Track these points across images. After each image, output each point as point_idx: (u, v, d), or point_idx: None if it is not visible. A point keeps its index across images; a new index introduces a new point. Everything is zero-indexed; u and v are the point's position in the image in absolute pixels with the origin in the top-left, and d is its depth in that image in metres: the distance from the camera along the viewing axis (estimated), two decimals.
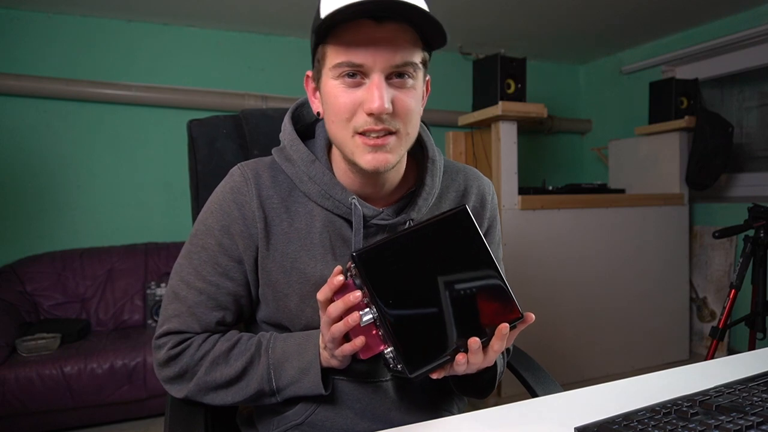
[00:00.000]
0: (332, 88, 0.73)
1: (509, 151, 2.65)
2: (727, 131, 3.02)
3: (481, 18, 3.13)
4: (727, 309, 2.24)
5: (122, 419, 2.40)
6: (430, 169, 0.86)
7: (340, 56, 0.71)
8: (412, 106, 0.74)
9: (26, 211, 2.87)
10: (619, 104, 3.96)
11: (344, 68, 0.71)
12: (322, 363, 0.76)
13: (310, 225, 0.82)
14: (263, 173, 0.83)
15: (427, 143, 0.89)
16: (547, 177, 3.77)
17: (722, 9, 3.06)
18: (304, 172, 0.81)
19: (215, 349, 0.80)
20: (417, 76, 0.74)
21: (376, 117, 0.71)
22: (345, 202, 0.80)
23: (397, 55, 0.70)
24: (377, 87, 0.70)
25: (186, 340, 0.81)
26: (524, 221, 2.65)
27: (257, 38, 3.30)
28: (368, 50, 0.69)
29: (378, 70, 0.70)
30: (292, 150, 0.83)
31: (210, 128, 1.03)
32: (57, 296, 2.70)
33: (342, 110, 0.72)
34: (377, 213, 0.81)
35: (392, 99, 0.71)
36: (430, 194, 0.85)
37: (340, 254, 0.82)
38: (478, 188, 0.93)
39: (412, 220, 0.83)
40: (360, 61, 0.70)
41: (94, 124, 2.99)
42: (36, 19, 2.86)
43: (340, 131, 0.74)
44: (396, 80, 0.72)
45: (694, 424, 0.59)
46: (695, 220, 3.31)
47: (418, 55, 0.74)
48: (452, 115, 3.40)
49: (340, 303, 0.66)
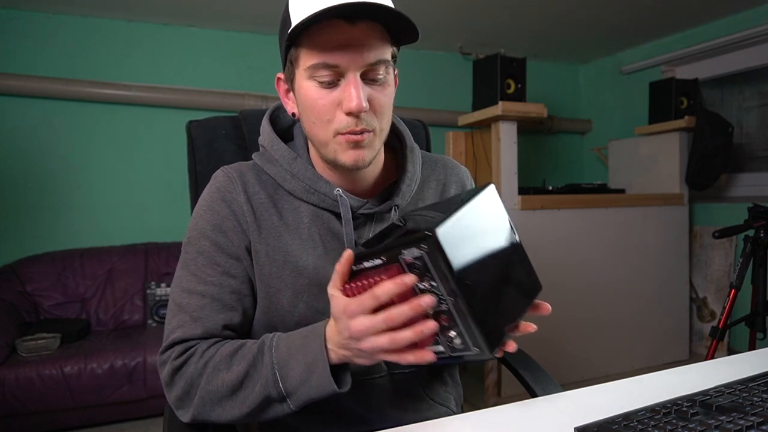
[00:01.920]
0: (308, 90, 0.74)
1: (509, 151, 2.65)
2: (727, 131, 3.02)
3: (481, 18, 3.13)
4: (727, 309, 2.24)
5: (122, 419, 2.40)
6: (410, 157, 0.88)
7: (314, 58, 0.72)
8: (387, 103, 0.77)
9: (26, 211, 2.87)
10: (619, 104, 3.96)
11: (320, 69, 0.72)
12: (334, 359, 0.67)
13: (297, 221, 0.82)
14: (247, 173, 0.84)
15: (404, 133, 0.91)
16: (547, 177, 3.77)
17: (722, 9, 3.06)
18: (286, 171, 0.82)
19: (218, 354, 0.74)
20: (389, 71, 0.76)
21: (355, 116, 0.72)
22: (330, 194, 0.81)
23: (371, 54, 0.72)
24: (354, 86, 0.71)
25: (191, 348, 0.76)
26: (524, 221, 2.65)
27: (257, 38, 3.30)
28: (342, 51, 0.71)
29: (353, 70, 0.72)
30: (273, 150, 0.84)
31: (209, 129, 1.03)
32: (57, 296, 2.70)
33: (322, 112, 0.74)
34: (363, 203, 0.82)
35: (368, 97, 0.73)
36: (413, 180, 0.87)
37: (330, 248, 0.82)
38: (458, 177, 0.96)
39: (397, 206, 0.84)
40: (335, 62, 0.71)
41: (94, 124, 2.99)
42: (36, 19, 2.86)
43: (321, 132, 0.76)
44: (370, 78, 0.74)
45: (694, 424, 0.59)
46: (695, 220, 3.31)
47: (389, 52, 0.76)
48: (452, 115, 3.40)
49: (406, 307, 0.58)
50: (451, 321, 0.60)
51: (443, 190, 0.93)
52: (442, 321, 0.60)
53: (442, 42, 3.58)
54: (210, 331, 0.77)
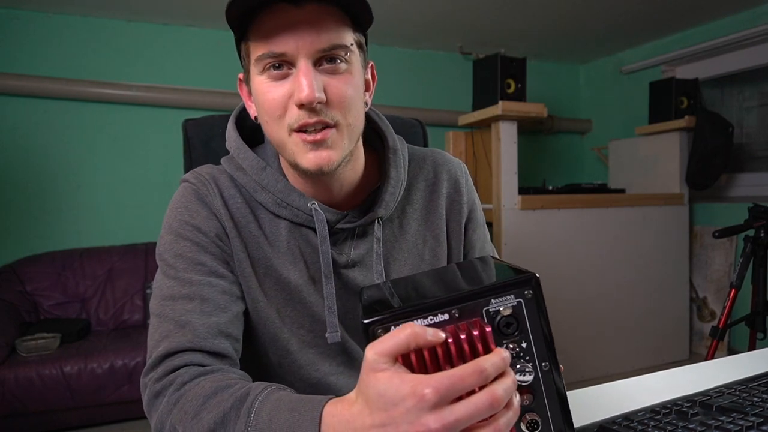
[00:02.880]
0: (259, 85, 0.67)
1: (509, 151, 2.65)
2: (727, 131, 3.02)
3: (481, 18, 3.13)
4: (727, 309, 2.24)
5: (122, 419, 2.40)
6: (392, 160, 0.78)
7: (260, 48, 0.65)
8: (349, 93, 0.67)
9: (26, 211, 2.87)
10: (619, 104, 3.96)
11: (267, 60, 0.65)
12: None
13: (276, 233, 0.74)
14: (219, 176, 0.75)
15: (386, 132, 0.81)
16: (547, 177, 3.77)
17: (722, 9, 3.06)
18: (255, 182, 0.73)
19: (191, 392, 0.58)
20: (351, 60, 0.67)
21: (308, 108, 0.64)
22: (304, 209, 0.72)
23: (322, 38, 0.64)
24: (304, 74, 0.63)
25: (173, 372, 0.62)
26: (524, 221, 2.65)
27: None
28: (288, 36, 0.63)
29: (303, 57, 0.64)
30: (240, 159, 0.75)
31: (206, 128, 1.01)
32: (57, 296, 2.70)
33: (272, 107, 0.66)
34: (342, 216, 0.74)
35: (324, 87, 0.65)
36: (397, 187, 0.78)
37: (311, 261, 0.74)
38: (449, 173, 0.85)
39: (380, 218, 0.76)
40: (281, 50, 0.64)
41: (95, 123, 2.99)
42: (36, 19, 2.86)
43: (275, 131, 0.68)
44: (327, 66, 0.66)
45: (694, 424, 0.59)
46: (695, 220, 3.31)
47: (348, 37, 0.67)
48: (452, 115, 3.40)
49: (509, 380, 0.41)
50: (535, 399, 0.46)
51: (432, 190, 0.83)
52: (523, 401, 0.46)
53: (442, 42, 3.58)
54: (200, 338, 0.64)
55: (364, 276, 0.77)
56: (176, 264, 0.69)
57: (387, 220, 0.79)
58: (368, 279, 0.77)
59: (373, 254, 0.76)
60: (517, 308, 0.44)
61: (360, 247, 0.77)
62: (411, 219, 0.82)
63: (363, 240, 0.77)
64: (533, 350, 0.45)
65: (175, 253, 0.69)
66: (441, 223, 0.83)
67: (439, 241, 0.83)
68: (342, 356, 0.78)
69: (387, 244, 0.79)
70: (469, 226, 0.86)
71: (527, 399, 0.46)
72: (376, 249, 0.76)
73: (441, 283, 0.56)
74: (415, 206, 0.82)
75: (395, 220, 0.80)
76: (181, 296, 0.67)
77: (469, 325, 0.43)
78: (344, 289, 0.76)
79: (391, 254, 0.79)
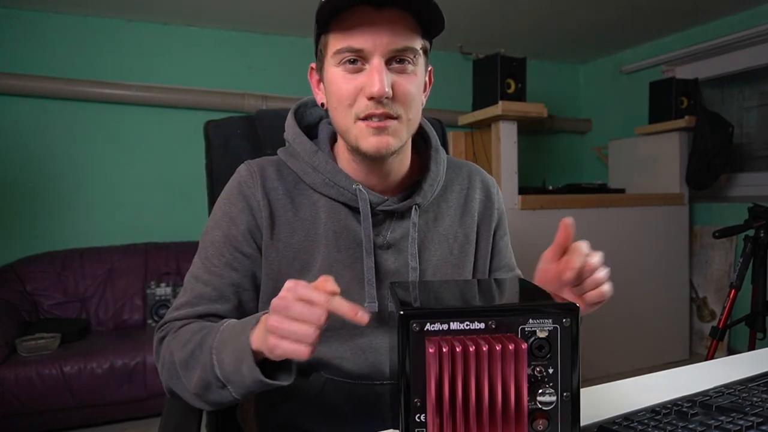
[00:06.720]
0: (334, 76, 0.75)
1: (509, 150, 2.65)
2: (727, 131, 3.02)
3: (481, 18, 3.13)
4: (727, 309, 2.24)
5: (122, 419, 2.40)
6: (434, 156, 0.87)
7: (340, 42, 0.72)
8: (413, 92, 0.75)
9: (27, 211, 2.87)
10: (619, 104, 3.96)
11: (345, 54, 0.72)
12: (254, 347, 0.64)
13: (314, 216, 0.82)
14: (268, 168, 0.84)
15: (430, 134, 0.90)
16: (547, 177, 3.77)
17: (722, 9, 3.06)
18: (307, 164, 0.82)
19: (185, 329, 0.75)
20: (417, 62, 0.75)
21: (376, 101, 0.72)
22: (349, 188, 0.80)
23: (397, 39, 0.71)
24: (377, 71, 0.71)
25: (175, 321, 0.80)
26: (524, 221, 2.65)
27: (257, 38, 3.30)
28: (367, 34, 0.71)
29: (378, 55, 0.71)
30: (295, 143, 0.84)
31: (225, 129, 1.08)
32: (57, 296, 2.70)
33: (344, 96, 0.74)
34: (383, 200, 0.81)
35: (392, 84, 0.72)
36: (436, 180, 0.86)
37: (344, 246, 0.81)
38: (483, 183, 0.94)
39: (418, 205, 0.83)
40: (359, 46, 0.71)
41: (94, 123, 2.99)
42: (36, 18, 2.86)
43: (343, 118, 0.75)
44: (396, 65, 0.73)
45: (694, 425, 0.59)
46: (695, 220, 3.31)
47: (418, 42, 0.75)
48: (452, 114, 3.39)
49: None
50: (550, 426, 0.47)
51: (467, 196, 0.91)
52: (537, 426, 0.47)
53: (442, 42, 3.56)
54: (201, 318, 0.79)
55: (396, 259, 0.83)
56: (208, 249, 0.81)
57: (423, 210, 0.86)
58: (399, 262, 0.83)
59: (408, 238, 0.83)
60: (552, 333, 0.45)
61: (396, 231, 0.83)
62: (445, 215, 0.89)
63: (400, 224, 0.84)
64: (558, 378, 0.46)
65: (210, 240, 0.82)
66: (473, 223, 0.91)
67: (469, 240, 0.90)
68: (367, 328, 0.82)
69: (421, 232, 0.86)
70: (498, 232, 0.94)
71: (542, 425, 0.47)
72: (411, 233, 0.83)
73: (478, 293, 0.57)
74: (450, 204, 0.90)
75: (431, 212, 0.87)
76: (201, 280, 0.80)
77: (505, 339, 0.44)
78: (376, 269, 0.82)
79: (424, 242, 0.86)
